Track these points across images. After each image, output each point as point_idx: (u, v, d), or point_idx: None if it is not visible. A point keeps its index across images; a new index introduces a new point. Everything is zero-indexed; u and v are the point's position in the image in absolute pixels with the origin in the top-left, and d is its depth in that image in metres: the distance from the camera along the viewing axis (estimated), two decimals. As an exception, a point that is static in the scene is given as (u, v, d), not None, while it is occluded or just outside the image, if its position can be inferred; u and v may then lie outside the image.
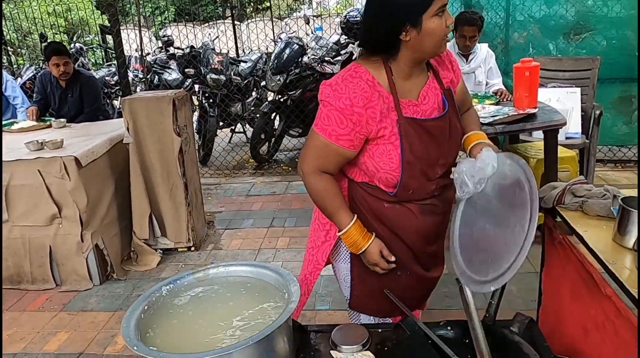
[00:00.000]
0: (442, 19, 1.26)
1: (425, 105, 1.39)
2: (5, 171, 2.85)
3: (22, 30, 9.13)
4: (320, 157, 1.39)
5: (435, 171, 1.41)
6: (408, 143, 1.33)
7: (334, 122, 1.33)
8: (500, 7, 4.52)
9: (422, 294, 1.66)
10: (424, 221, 1.47)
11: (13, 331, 2.63)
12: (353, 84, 1.31)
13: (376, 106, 1.31)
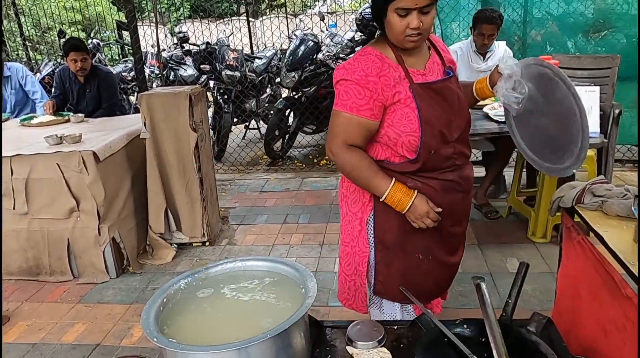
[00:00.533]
0: (403, 19, 1.37)
1: (431, 75, 1.51)
2: (26, 165, 2.90)
3: (41, 27, 9.26)
4: (346, 132, 1.46)
5: (451, 133, 1.49)
6: (424, 103, 1.44)
7: (353, 95, 1.43)
8: (518, 4, 4.47)
9: (444, 279, 1.70)
10: (446, 198, 1.53)
11: (32, 321, 2.69)
12: (364, 59, 1.45)
13: (388, 74, 1.43)
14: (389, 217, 1.57)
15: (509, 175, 3.85)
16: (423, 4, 1.35)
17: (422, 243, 1.57)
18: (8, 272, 3.13)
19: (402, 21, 1.37)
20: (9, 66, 4.15)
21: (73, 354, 2.39)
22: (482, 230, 3.33)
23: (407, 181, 1.51)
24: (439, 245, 1.60)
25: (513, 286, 1.31)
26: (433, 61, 1.54)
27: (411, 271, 1.59)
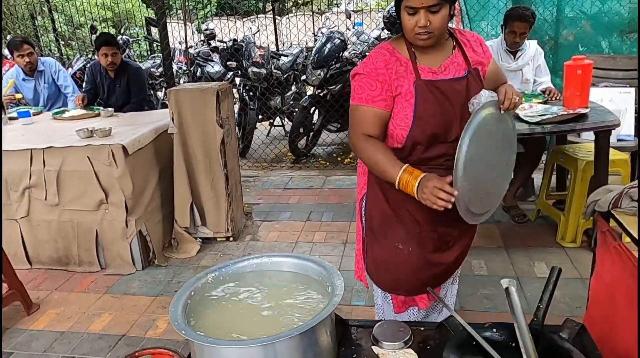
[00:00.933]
0: (412, 18, 1.40)
1: (445, 74, 1.50)
2: (58, 157, 2.97)
3: (73, 23, 9.48)
4: (363, 124, 1.51)
5: (449, 134, 1.49)
6: (422, 100, 1.46)
7: (366, 88, 1.49)
8: (551, 2, 4.36)
9: (427, 276, 1.67)
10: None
11: (61, 310, 2.76)
12: (375, 53, 1.52)
13: (393, 67, 1.48)
14: (376, 202, 1.65)
15: (537, 178, 3.77)
16: (430, 3, 1.37)
17: (402, 233, 1.62)
18: (39, 261, 3.22)
19: (411, 19, 1.41)
20: (43, 60, 4.26)
21: (99, 343, 2.44)
22: (509, 233, 3.27)
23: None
24: (421, 239, 1.62)
25: (544, 291, 1.27)
26: (453, 60, 1.53)
27: (392, 259, 1.64)
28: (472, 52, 1.57)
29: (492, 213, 1.61)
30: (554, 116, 2.71)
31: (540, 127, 2.65)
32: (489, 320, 1.31)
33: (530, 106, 2.92)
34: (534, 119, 2.69)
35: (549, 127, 2.66)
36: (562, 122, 2.68)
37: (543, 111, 2.81)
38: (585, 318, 1.65)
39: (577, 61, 2.80)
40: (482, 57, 1.59)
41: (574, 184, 2.96)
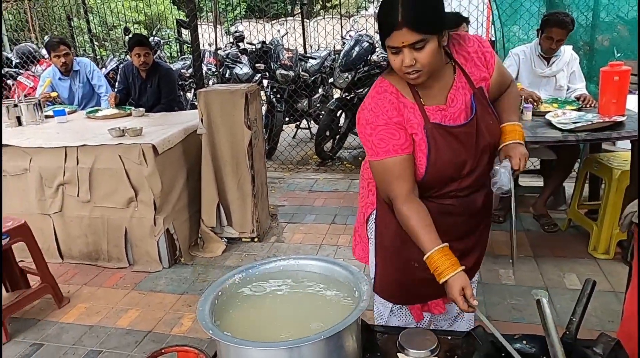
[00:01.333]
0: (397, 57, 1.29)
1: (454, 108, 1.41)
2: (91, 155, 3.05)
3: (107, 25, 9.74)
4: (398, 176, 1.38)
5: (461, 172, 1.44)
6: (435, 147, 1.38)
7: (389, 139, 1.37)
8: (586, 7, 4.25)
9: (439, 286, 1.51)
10: (443, 220, 1.46)
11: (91, 304, 2.82)
12: (382, 100, 1.39)
13: (403, 114, 1.38)
14: (387, 222, 1.58)
15: (569, 186, 3.67)
16: (411, 41, 1.24)
17: (416, 254, 1.47)
18: (70, 256, 3.31)
19: (396, 59, 1.30)
20: (78, 61, 4.39)
21: (126, 339, 2.49)
22: (538, 242, 3.19)
23: None
24: None
25: (578, 304, 1.24)
26: (457, 86, 1.41)
27: (405, 276, 1.60)
28: (475, 69, 1.44)
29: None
30: (589, 123, 2.64)
31: (573, 135, 2.59)
32: (517, 331, 1.28)
33: (563, 113, 2.86)
34: (567, 126, 2.63)
35: (582, 135, 2.59)
36: (597, 130, 2.60)
37: (577, 118, 2.74)
38: (620, 334, 1.59)
39: (614, 67, 2.73)
40: (485, 71, 1.45)
41: (608, 194, 2.87)
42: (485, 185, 1.52)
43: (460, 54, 1.44)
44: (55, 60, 4.22)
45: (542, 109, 2.99)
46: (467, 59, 1.44)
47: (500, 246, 3.17)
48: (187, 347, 1.82)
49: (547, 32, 3.13)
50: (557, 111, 2.91)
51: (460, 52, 1.44)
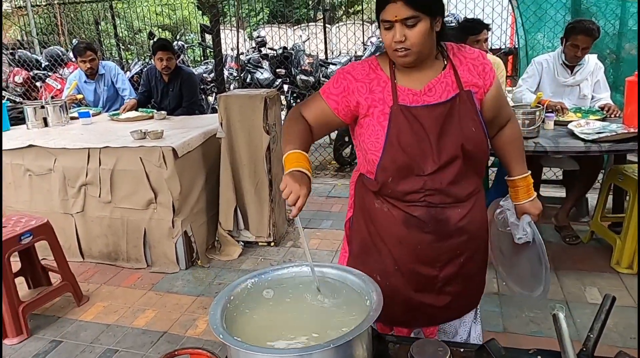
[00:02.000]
0: (388, 32, 1.32)
1: (429, 97, 1.39)
2: (112, 156, 3.11)
3: (133, 29, 9.95)
4: (310, 107, 1.49)
5: (423, 167, 1.37)
6: (396, 127, 1.37)
7: (332, 83, 1.46)
8: (613, 15, 4.16)
9: (407, 312, 1.54)
10: (408, 233, 1.44)
11: (109, 303, 2.87)
12: (358, 63, 1.47)
13: (366, 83, 1.41)
14: (358, 228, 1.58)
15: (592, 198, 3.59)
16: (403, 16, 1.27)
17: (380, 265, 1.50)
18: (90, 255, 3.38)
19: (387, 34, 1.33)
20: (104, 64, 4.50)
21: (142, 339, 2.52)
22: (559, 254, 3.12)
23: (376, 200, 1.49)
24: (398, 276, 1.49)
25: (596, 320, 1.20)
26: (441, 80, 1.39)
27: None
28: (468, 73, 1.41)
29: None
30: (613, 134, 2.58)
31: (597, 146, 2.54)
32: (534, 344, 1.26)
33: (587, 123, 2.81)
34: (590, 137, 2.58)
35: (606, 146, 2.53)
36: (621, 142, 2.55)
37: (601, 128, 2.68)
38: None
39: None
40: (479, 80, 1.41)
41: (633, 206, 2.79)
42: (464, 205, 1.44)
43: (457, 56, 1.44)
44: (81, 64, 4.32)
45: (565, 119, 2.93)
46: (463, 62, 1.43)
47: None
48: (200, 349, 1.83)
49: (572, 39, 3.06)
50: (580, 120, 2.86)
51: (457, 55, 1.44)
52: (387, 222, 1.47)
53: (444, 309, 1.55)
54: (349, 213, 1.65)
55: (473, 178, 1.45)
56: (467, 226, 1.46)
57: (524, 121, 2.63)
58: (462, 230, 1.45)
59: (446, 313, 1.58)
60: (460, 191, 1.42)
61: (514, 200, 1.59)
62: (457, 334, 1.67)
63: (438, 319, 1.60)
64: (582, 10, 4.18)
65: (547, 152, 2.64)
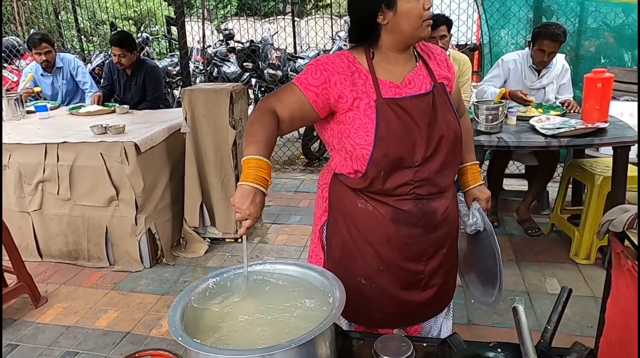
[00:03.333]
0: (417, 3, 1.30)
1: (409, 89, 1.39)
2: (71, 152, 3.00)
3: (95, 19, 9.62)
4: (283, 97, 1.37)
5: (413, 158, 1.36)
6: (385, 120, 1.33)
7: (309, 74, 1.36)
8: (573, 14, 4.28)
9: (393, 313, 1.53)
10: (397, 230, 1.42)
11: (68, 304, 2.77)
12: (334, 56, 1.39)
13: (348, 76, 1.35)
14: (336, 231, 1.52)
15: (553, 190, 3.70)
16: None
17: (364, 268, 1.48)
18: (49, 254, 3.26)
19: (416, 5, 1.29)
20: (62, 57, 4.32)
21: (104, 340, 2.45)
22: (521, 247, 3.21)
23: (359, 201, 1.43)
24: (385, 275, 1.47)
25: (553, 312, 1.23)
26: (418, 73, 1.41)
27: (354, 292, 1.40)
28: (437, 67, 1.45)
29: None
30: (572, 129, 2.65)
31: (556, 141, 2.60)
32: (497, 336, 1.28)
33: (547, 118, 2.87)
34: (550, 132, 2.64)
35: (565, 141, 2.60)
36: (579, 136, 2.62)
37: (560, 124, 2.75)
38: (603, 342, 1.60)
39: (598, 73, 2.75)
40: (447, 73, 1.47)
41: (590, 199, 2.89)
42: (446, 196, 1.46)
43: (424, 51, 1.46)
44: (36, 57, 4.14)
45: (527, 114, 3.00)
46: (430, 57, 1.46)
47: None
48: (162, 350, 1.79)
49: (538, 44, 3.07)
50: (542, 116, 2.93)
51: (424, 50, 1.47)
52: (373, 221, 1.44)
53: (428, 305, 1.56)
54: (322, 218, 1.57)
55: (453, 168, 1.48)
56: (449, 217, 1.49)
57: (487, 117, 2.67)
58: (445, 221, 1.47)
59: (428, 310, 1.59)
60: (444, 180, 1.44)
61: (464, 187, 1.61)
62: (430, 331, 1.68)
63: (420, 317, 1.60)
64: (544, 7, 4.28)
65: (510, 147, 2.69)
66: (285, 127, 1.38)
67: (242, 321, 1.17)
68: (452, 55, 3.32)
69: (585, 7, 4.25)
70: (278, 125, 1.36)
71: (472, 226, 1.53)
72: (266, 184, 1.26)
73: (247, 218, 1.22)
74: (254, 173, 1.24)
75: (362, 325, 1.55)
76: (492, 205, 3.47)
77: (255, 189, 1.23)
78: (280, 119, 1.36)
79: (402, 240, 1.43)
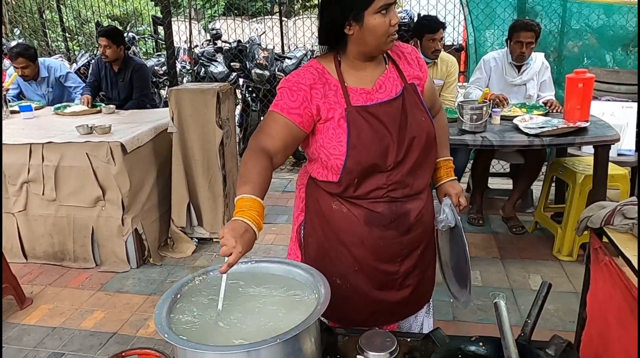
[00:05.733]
0: (386, 17, 1.30)
1: (381, 94, 1.40)
2: (56, 152, 2.98)
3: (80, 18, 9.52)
4: (270, 129, 1.36)
5: (386, 162, 1.38)
6: (356, 129, 1.35)
7: (286, 97, 1.37)
8: (556, 15, 4.36)
9: (370, 311, 1.56)
10: (370, 232, 1.44)
11: (54, 305, 2.75)
12: (303, 70, 1.40)
13: (320, 88, 1.36)
14: (312, 231, 1.54)
15: (537, 189, 3.76)
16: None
17: (339, 268, 1.50)
18: (34, 255, 3.23)
19: (384, 20, 1.30)
20: (47, 64, 4.21)
21: (90, 341, 2.44)
22: (505, 244, 3.26)
23: (333, 202, 1.46)
24: (360, 275, 1.50)
25: (533, 306, 1.26)
26: (388, 76, 1.42)
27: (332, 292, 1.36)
28: (408, 66, 1.46)
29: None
30: (554, 128, 2.70)
31: (539, 140, 2.65)
32: (481, 331, 1.31)
33: (530, 118, 2.92)
34: (533, 131, 2.68)
35: (548, 140, 2.65)
36: (561, 136, 2.67)
37: (543, 123, 2.80)
38: (585, 336, 1.64)
39: (579, 74, 2.80)
40: (419, 72, 1.47)
41: (572, 197, 2.95)
42: (420, 198, 1.48)
43: (394, 52, 1.47)
44: (15, 68, 4.07)
45: (510, 114, 3.05)
46: (400, 57, 1.47)
47: (469, 247, 3.20)
48: (149, 349, 1.79)
49: (515, 37, 3.19)
50: (525, 115, 2.97)
51: (394, 50, 1.47)
52: (347, 223, 1.46)
53: (404, 304, 1.58)
54: (299, 218, 1.60)
55: (427, 168, 1.49)
56: (423, 218, 1.50)
57: (472, 116, 2.71)
58: (419, 223, 1.49)
59: (405, 309, 1.61)
60: (417, 181, 1.45)
61: (436, 182, 1.61)
62: (410, 329, 1.70)
63: (397, 316, 1.62)
64: (527, 9, 4.35)
65: (494, 146, 2.74)
66: (280, 158, 1.38)
67: (228, 318, 1.18)
68: (440, 56, 3.38)
69: (567, 8, 4.33)
70: (272, 160, 1.34)
71: (441, 222, 1.53)
72: (259, 225, 1.20)
73: (232, 252, 1.15)
74: (248, 212, 1.20)
75: (338, 324, 1.55)
76: (477, 203, 3.57)
77: (248, 226, 1.18)
78: (274, 153, 1.35)
79: (375, 242, 1.45)
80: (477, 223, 3.50)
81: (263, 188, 1.27)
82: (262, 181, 1.28)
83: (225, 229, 1.17)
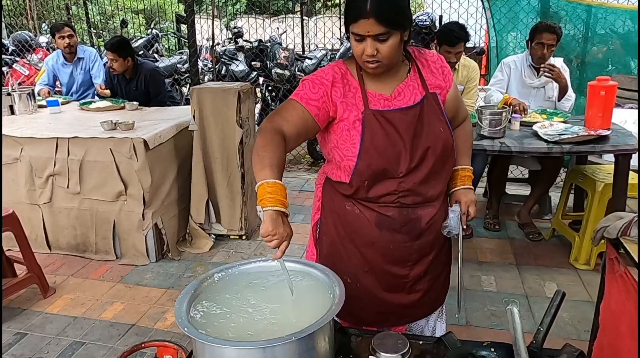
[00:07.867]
0: (359, 44, 1.32)
1: (399, 101, 1.41)
2: (82, 147, 3.07)
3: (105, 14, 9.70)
4: (286, 114, 1.38)
5: (398, 169, 1.39)
6: (370, 132, 1.37)
7: (307, 88, 1.40)
8: (580, 20, 4.30)
9: (376, 312, 1.58)
10: (380, 234, 1.46)
11: (76, 296, 2.84)
12: (327, 68, 1.44)
13: (340, 87, 1.39)
14: (327, 229, 1.57)
15: (556, 196, 3.73)
16: (376, 32, 1.27)
17: (350, 268, 1.52)
18: (58, 246, 3.32)
19: (358, 46, 1.32)
20: (84, 49, 4.45)
21: (110, 331, 2.51)
22: (521, 250, 3.24)
23: (347, 203, 1.49)
24: (369, 276, 1.52)
25: (546, 314, 1.27)
26: (408, 84, 1.43)
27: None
28: (431, 75, 1.46)
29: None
30: (574, 135, 2.69)
31: (558, 147, 2.64)
32: (494, 337, 1.32)
33: (550, 124, 2.90)
34: (552, 138, 2.67)
35: (567, 147, 2.64)
36: (582, 143, 2.65)
37: (563, 130, 2.79)
38: (596, 346, 1.64)
39: (601, 81, 2.77)
40: (442, 81, 1.47)
41: (591, 206, 2.92)
42: (433, 205, 1.49)
43: (419, 59, 1.47)
44: (59, 42, 4.22)
45: (530, 120, 3.03)
46: (425, 65, 1.47)
47: (485, 253, 3.22)
48: (167, 342, 1.85)
49: (536, 39, 3.17)
50: (545, 122, 2.96)
51: (419, 58, 1.48)
52: (359, 224, 1.49)
53: (413, 308, 1.60)
54: (316, 216, 1.64)
55: (442, 177, 1.49)
56: (435, 224, 1.51)
57: (491, 121, 2.71)
58: (431, 229, 1.50)
59: (415, 312, 1.63)
60: (430, 190, 1.46)
61: (450, 188, 1.60)
62: (422, 333, 1.71)
63: (407, 318, 1.64)
64: (551, 14, 4.30)
65: (512, 152, 2.73)
66: (292, 144, 1.39)
67: (247, 314, 1.22)
68: (461, 61, 3.37)
69: (592, 13, 4.27)
70: (286, 144, 1.36)
71: (445, 228, 1.52)
72: (286, 206, 1.25)
73: (284, 240, 1.23)
74: (273, 197, 1.22)
75: (348, 322, 1.58)
76: (493, 209, 3.55)
77: (279, 212, 1.23)
78: (287, 138, 1.36)
79: (385, 244, 1.47)
80: (492, 228, 3.49)
81: (281, 169, 1.29)
82: (279, 163, 1.29)
83: (266, 223, 1.20)
